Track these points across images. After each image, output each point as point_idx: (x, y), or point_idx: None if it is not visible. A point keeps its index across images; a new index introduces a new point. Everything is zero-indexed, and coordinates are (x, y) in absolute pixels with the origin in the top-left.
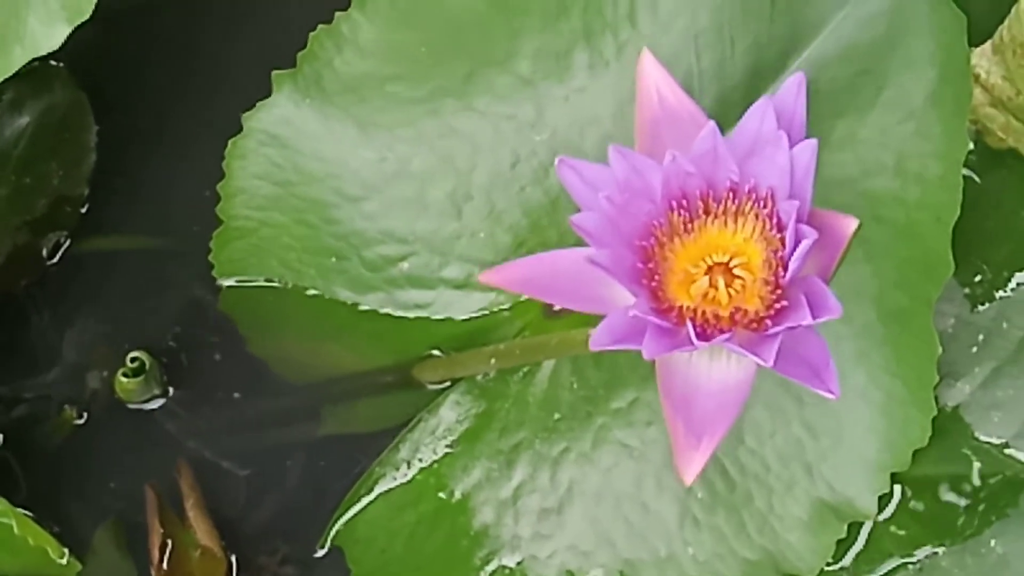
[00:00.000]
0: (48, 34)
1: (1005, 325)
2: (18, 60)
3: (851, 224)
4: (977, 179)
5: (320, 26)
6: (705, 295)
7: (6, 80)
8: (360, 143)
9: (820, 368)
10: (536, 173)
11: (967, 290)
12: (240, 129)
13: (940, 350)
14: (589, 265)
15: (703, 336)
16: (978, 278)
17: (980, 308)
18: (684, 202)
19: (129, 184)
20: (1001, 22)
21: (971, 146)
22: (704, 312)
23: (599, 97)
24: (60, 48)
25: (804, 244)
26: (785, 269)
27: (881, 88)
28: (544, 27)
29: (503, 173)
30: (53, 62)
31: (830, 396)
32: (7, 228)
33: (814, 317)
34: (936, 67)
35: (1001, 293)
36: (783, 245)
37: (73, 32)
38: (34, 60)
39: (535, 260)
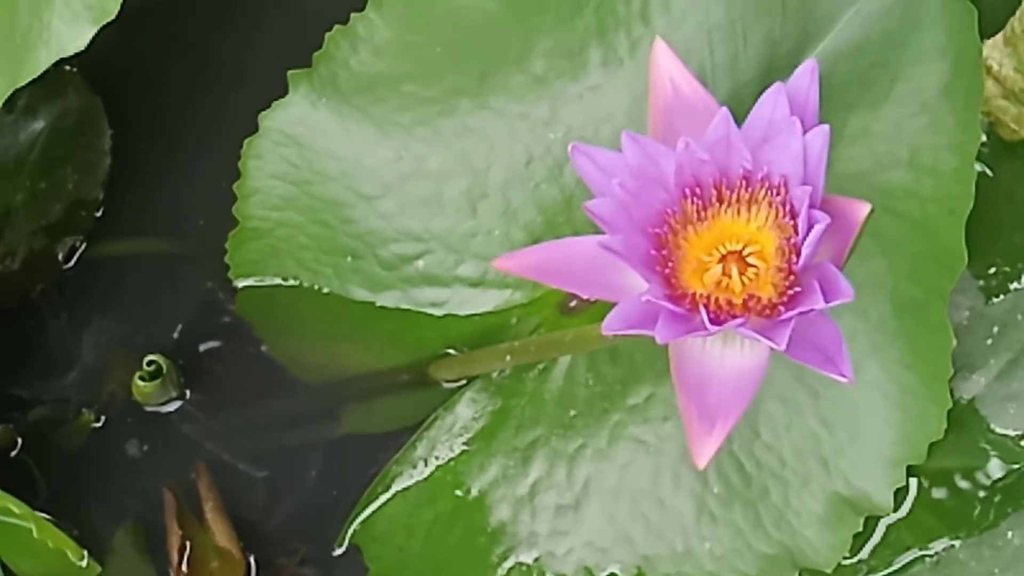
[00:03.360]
0: (73, 35)
1: (1020, 317)
2: (44, 62)
3: (863, 209)
4: (990, 171)
5: (336, 26)
6: (718, 283)
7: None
8: (376, 142)
9: (832, 353)
10: (551, 171)
11: (981, 282)
12: (256, 130)
13: (955, 342)
14: (603, 251)
15: (716, 321)
16: (992, 270)
17: (995, 300)
18: (697, 190)
19: (144, 187)
20: (1012, 13)
21: (983, 138)
22: (717, 299)
23: (613, 95)
24: (73, 52)
25: (817, 229)
26: (798, 256)
27: (894, 82)
28: (558, 26)
29: (518, 171)
30: (67, 67)
31: (843, 380)
32: (23, 233)
33: (826, 301)
34: (948, 60)
35: (1015, 285)
36: (796, 232)
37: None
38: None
39: (550, 247)
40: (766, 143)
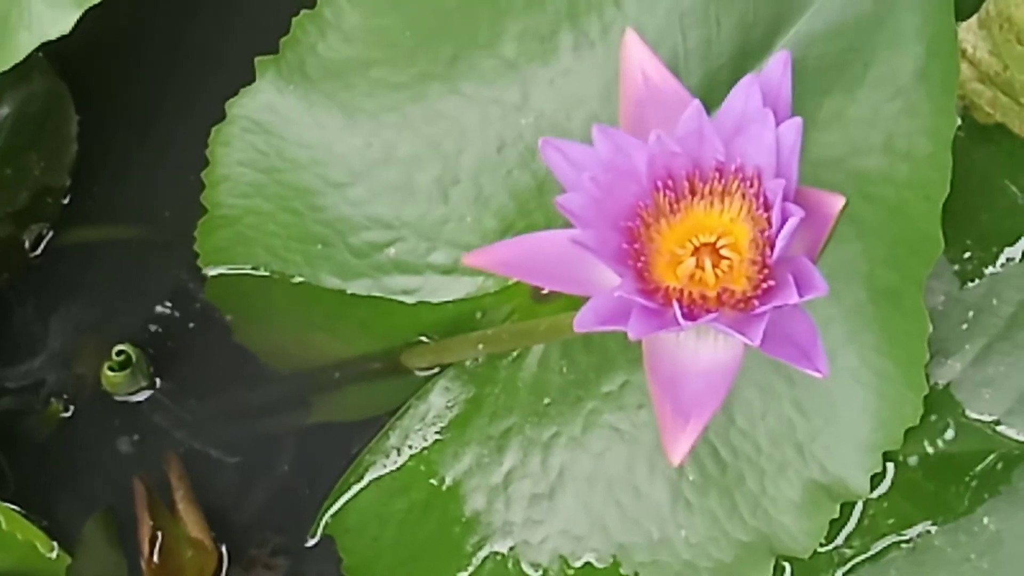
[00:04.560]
0: (55, 18)
1: (995, 301)
2: (25, 47)
3: (838, 202)
4: (965, 155)
5: (303, 11)
6: (692, 276)
7: None
8: (345, 129)
9: (808, 347)
10: (523, 156)
11: (956, 267)
12: (224, 116)
13: (931, 328)
14: (574, 246)
15: (690, 316)
16: (967, 255)
17: (970, 285)
18: (670, 182)
19: (112, 174)
20: None
21: (959, 122)
22: (691, 293)
23: (585, 79)
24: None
25: (791, 223)
26: (772, 248)
27: (868, 65)
28: (528, 9)
29: (490, 157)
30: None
31: (818, 375)
32: None
33: (800, 295)
34: (923, 43)
35: (991, 269)
36: (770, 224)
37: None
38: None
39: (520, 241)
40: (739, 135)
